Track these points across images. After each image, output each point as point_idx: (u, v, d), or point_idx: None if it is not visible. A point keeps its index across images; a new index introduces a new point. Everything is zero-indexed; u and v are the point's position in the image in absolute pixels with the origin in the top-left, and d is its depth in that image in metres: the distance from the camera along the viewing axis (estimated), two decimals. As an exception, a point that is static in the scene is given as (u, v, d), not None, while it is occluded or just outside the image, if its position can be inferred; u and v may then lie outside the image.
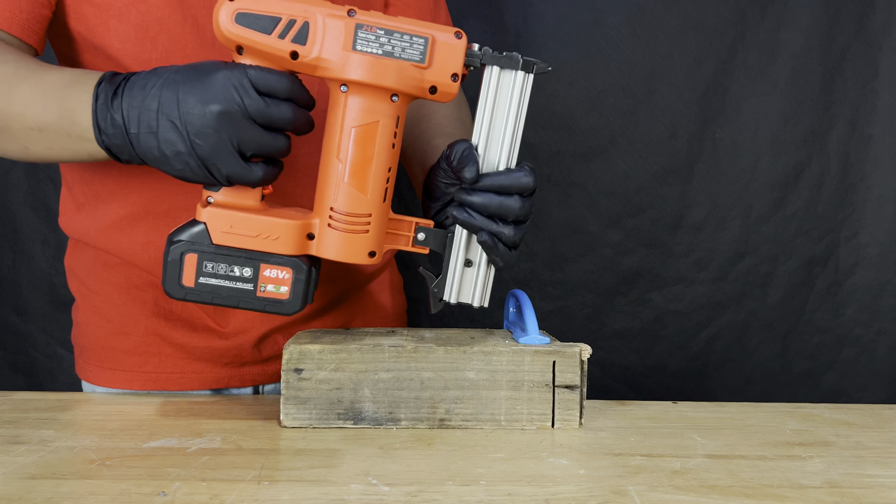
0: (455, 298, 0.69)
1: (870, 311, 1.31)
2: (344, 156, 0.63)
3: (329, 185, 0.64)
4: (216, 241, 0.63)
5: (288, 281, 0.64)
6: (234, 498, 0.51)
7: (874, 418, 0.75)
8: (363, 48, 0.61)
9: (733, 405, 0.79)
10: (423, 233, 0.69)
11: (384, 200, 0.65)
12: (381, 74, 0.61)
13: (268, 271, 0.63)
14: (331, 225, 0.64)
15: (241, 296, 0.63)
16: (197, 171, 0.60)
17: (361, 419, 0.67)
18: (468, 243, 0.68)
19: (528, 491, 0.54)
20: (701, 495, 0.54)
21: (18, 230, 1.26)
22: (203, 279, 0.63)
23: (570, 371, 0.68)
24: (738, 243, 1.30)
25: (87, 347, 0.85)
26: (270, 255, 0.63)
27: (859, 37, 1.25)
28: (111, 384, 0.82)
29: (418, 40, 0.62)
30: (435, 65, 0.62)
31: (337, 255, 0.65)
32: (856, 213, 1.30)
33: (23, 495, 0.51)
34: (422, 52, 0.62)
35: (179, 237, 0.63)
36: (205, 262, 0.63)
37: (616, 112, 1.26)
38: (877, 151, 1.28)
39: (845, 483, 0.57)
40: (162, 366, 0.82)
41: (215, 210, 0.63)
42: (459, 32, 0.63)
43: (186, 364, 0.82)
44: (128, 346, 0.82)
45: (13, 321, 1.28)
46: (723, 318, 1.31)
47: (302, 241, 0.64)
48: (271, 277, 0.64)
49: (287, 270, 0.64)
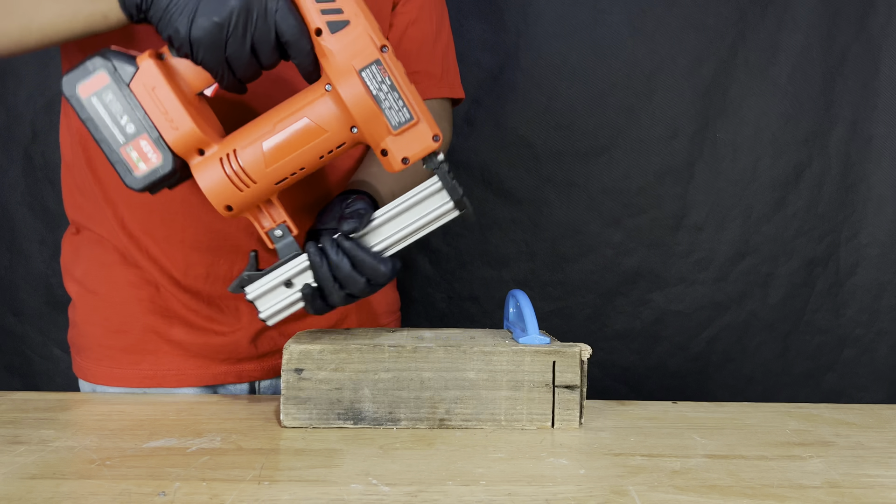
0: (252, 297, 0.69)
1: (870, 311, 1.31)
2: (280, 129, 0.65)
3: (250, 135, 0.65)
4: (132, 86, 0.62)
5: (152, 163, 0.64)
6: (234, 498, 0.51)
7: (874, 418, 0.75)
8: (366, 78, 0.63)
9: (733, 405, 0.79)
10: (281, 231, 0.69)
11: (276, 184, 0.66)
12: (360, 109, 0.63)
13: (144, 143, 0.63)
14: (222, 160, 0.65)
15: (108, 139, 0.63)
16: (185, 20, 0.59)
17: (361, 419, 0.67)
18: (301, 272, 0.68)
19: (528, 491, 0.54)
20: (701, 495, 0.54)
21: (15, 230, 1.26)
22: (94, 100, 0.62)
23: (570, 371, 0.68)
24: (739, 243, 1.29)
25: (84, 346, 0.85)
26: (159, 136, 0.63)
27: (859, 37, 1.25)
28: (109, 382, 0.83)
29: (405, 113, 0.64)
30: (400, 139, 0.65)
31: (205, 186, 0.65)
32: (856, 214, 1.30)
33: (23, 495, 0.51)
34: (399, 123, 0.64)
35: (112, 57, 0.62)
36: (109, 90, 0.62)
37: (616, 112, 1.26)
38: (877, 151, 1.28)
39: (845, 483, 0.57)
40: (159, 363, 0.82)
41: (155, 66, 0.62)
42: (438, 135, 0.65)
43: (183, 361, 0.83)
44: (125, 345, 0.82)
45: (10, 322, 1.28)
46: (723, 319, 1.31)
47: (191, 149, 0.64)
48: (143, 150, 0.64)
49: (159, 157, 0.64)
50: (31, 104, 1.24)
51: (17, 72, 1.23)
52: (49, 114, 1.24)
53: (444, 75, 0.90)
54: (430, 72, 0.89)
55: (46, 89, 1.24)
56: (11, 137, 1.25)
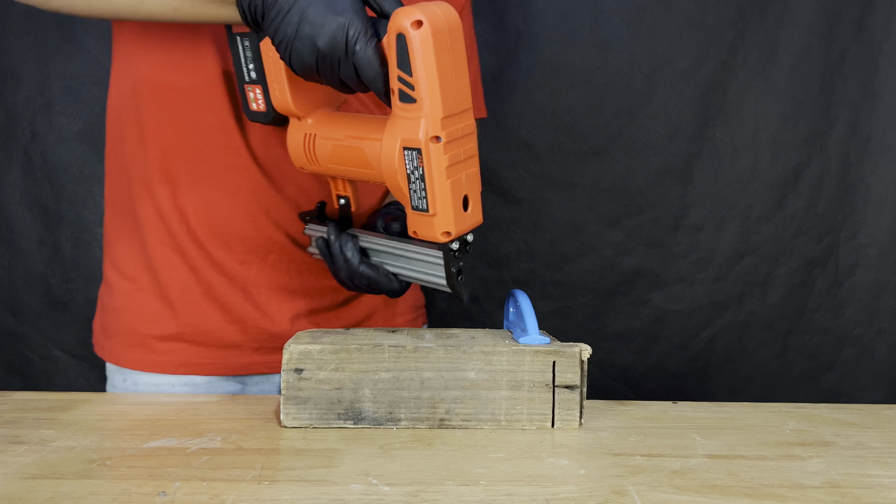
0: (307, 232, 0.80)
1: (870, 311, 1.32)
2: (346, 142, 0.70)
3: (331, 129, 0.71)
4: (261, 45, 0.70)
5: (260, 108, 0.74)
6: (234, 498, 0.51)
7: (874, 418, 0.75)
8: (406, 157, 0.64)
9: (733, 405, 0.79)
10: (344, 202, 0.77)
11: (333, 177, 0.76)
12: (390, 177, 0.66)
13: (258, 91, 0.73)
14: (305, 136, 0.72)
15: (239, 73, 0.73)
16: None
17: (361, 419, 0.67)
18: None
19: (528, 491, 0.54)
20: (701, 495, 0.54)
21: (14, 230, 1.26)
22: (239, 39, 0.71)
23: (570, 371, 0.68)
24: (738, 243, 1.30)
25: (118, 332, 0.85)
26: (267, 93, 0.72)
27: (859, 37, 1.25)
28: (143, 367, 0.83)
29: (424, 203, 0.65)
30: (415, 216, 0.66)
31: (289, 144, 0.74)
32: (856, 214, 1.30)
33: (23, 495, 0.51)
34: (416, 207, 0.65)
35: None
36: (248, 38, 0.70)
37: (616, 112, 1.26)
38: (876, 151, 1.28)
39: (845, 483, 0.57)
40: (195, 351, 0.83)
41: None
42: (449, 232, 0.65)
43: (218, 350, 0.84)
44: (163, 332, 0.83)
45: (9, 322, 1.27)
46: (723, 319, 1.31)
47: (287, 112, 0.72)
48: (256, 95, 0.73)
49: (264, 106, 0.74)
50: (30, 104, 1.24)
51: (16, 71, 1.23)
52: (49, 113, 1.24)
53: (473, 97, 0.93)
54: None
55: (46, 89, 1.24)
56: (11, 137, 1.24)
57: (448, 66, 0.61)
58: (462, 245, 0.68)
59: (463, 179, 0.65)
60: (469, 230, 0.68)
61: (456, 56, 0.62)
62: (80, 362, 1.28)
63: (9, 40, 1.23)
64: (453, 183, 0.64)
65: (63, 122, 1.25)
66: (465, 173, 0.65)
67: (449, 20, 0.61)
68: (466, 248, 0.68)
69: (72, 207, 1.26)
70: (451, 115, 0.62)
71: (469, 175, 0.66)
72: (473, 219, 0.67)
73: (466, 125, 0.64)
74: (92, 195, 1.26)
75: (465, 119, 0.64)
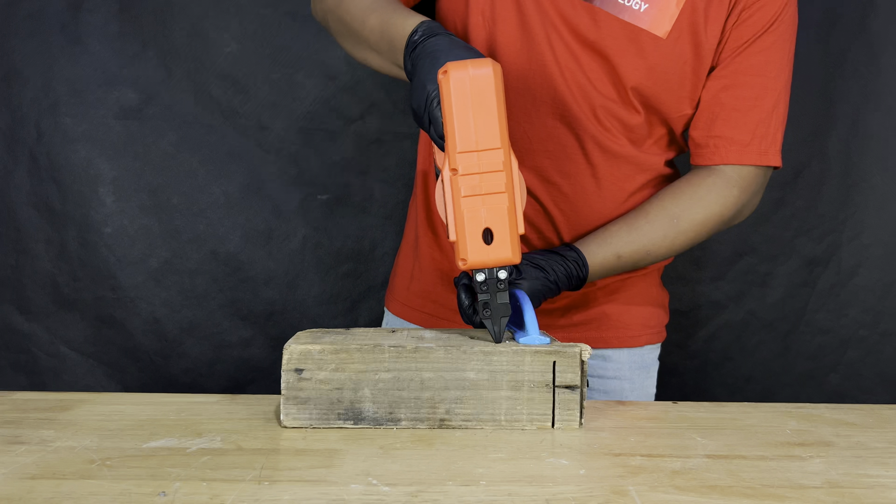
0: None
1: (874, 312, 1.31)
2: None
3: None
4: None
5: None
6: (234, 498, 0.51)
7: (875, 418, 0.75)
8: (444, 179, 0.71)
9: (733, 405, 0.79)
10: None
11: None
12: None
13: None
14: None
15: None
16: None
17: (361, 419, 0.67)
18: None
19: (528, 491, 0.54)
20: (701, 495, 0.54)
21: (21, 230, 1.27)
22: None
23: (571, 371, 0.68)
24: (738, 243, 1.29)
25: (395, 285, 1.07)
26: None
27: (859, 37, 1.25)
28: (401, 315, 1.05)
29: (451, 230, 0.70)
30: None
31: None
32: (858, 213, 1.30)
33: (23, 495, 0.51)
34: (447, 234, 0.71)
35: None
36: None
37: (617, 112, 1.25)
38: (877, 151, 1.28)
39: (845, 483, 0.57)
40: (435, 307, 1.01)
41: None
42: (465, 260, 0.70)
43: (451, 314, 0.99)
44: (418, 289, 1.03)
45: (17, 321, 1.28)
46: (722, 318, 1.31)
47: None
48: None
49: None
50: (35, 105, 1.24)
51: (21, 73, 1.24)
52: (54, 115, 1.25)
53: (752, 142, 0.93)
54: (734, 138, 0.92)
55: (51, 91, 1.24)
56: (17, 138, 1.25)
57: (466, 107, 0.68)
58: (492, 280, 0.70)
59: (482, 213, 0.68)
60: (494, 265, 0.69)
61: (482, 101, 0.68)
62: (87, 360, 1.29)
63: (14, 42, 1.23)
64: (470, 213, 0.68)
65: (68, 124, 1.25)
66: (485, 207, 0.68)
67: (475, 70, 0.68)
68: (498, 285, 0.70)
69: (77, 207, 1.26)
70: (469, 150, 0.68)
71: (491, 209, 0.68)
72: (498, 254, 0.69)
73: (491, 162, 0.68)
74: (97, 195, 1.26)
75: (489, 157, 0.68)
